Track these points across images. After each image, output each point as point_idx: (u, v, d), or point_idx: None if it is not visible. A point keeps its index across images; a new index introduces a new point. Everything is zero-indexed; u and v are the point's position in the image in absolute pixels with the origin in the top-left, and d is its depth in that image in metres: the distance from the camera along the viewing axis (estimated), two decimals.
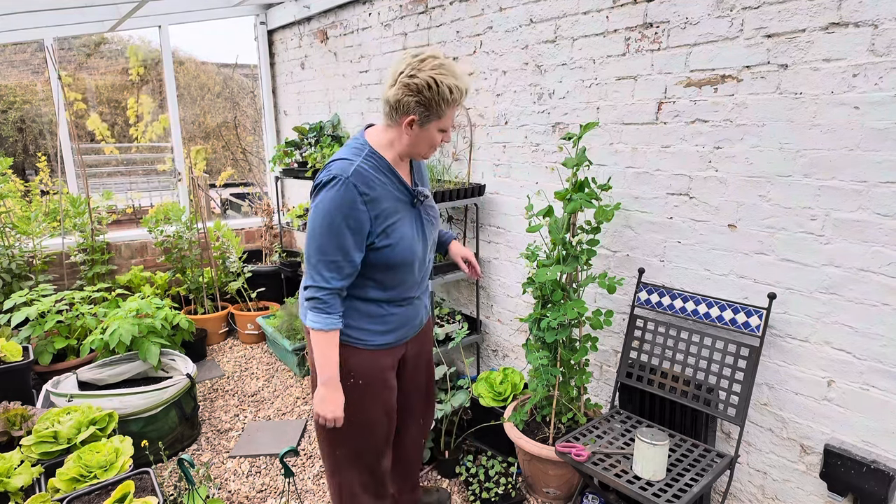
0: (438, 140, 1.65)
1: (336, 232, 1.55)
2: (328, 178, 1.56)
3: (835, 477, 1.79)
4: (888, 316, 1.66)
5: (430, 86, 1.51)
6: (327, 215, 1.55)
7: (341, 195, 1.54)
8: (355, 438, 1.80)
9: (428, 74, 1.51)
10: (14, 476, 1.99)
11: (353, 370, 1.72)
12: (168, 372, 3.20)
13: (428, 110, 1.55)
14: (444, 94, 1.53)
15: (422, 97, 1.53)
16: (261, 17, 4.94)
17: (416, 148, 1.65)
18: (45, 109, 7.08)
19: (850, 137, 1.67)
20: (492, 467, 2.54)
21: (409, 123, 1.58)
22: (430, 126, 1.60)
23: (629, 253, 2.36)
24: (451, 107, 1.58)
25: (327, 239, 1.56)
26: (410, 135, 1.61)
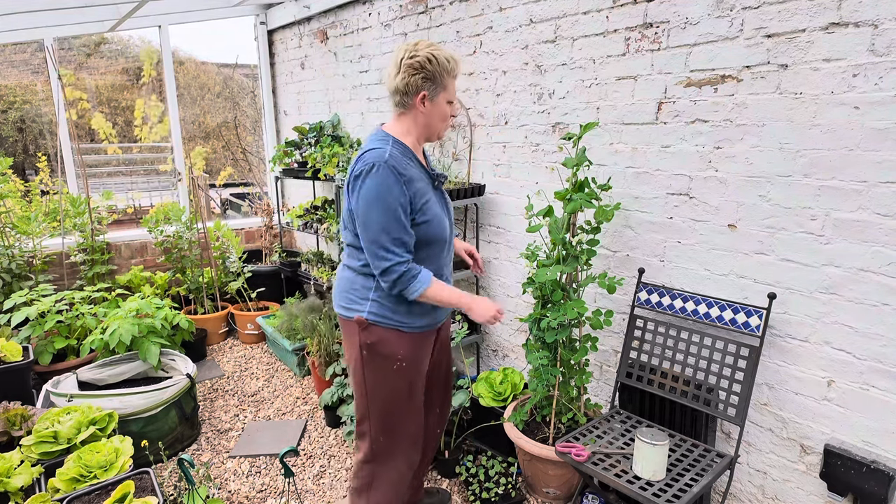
0: (448, 112, 1.81)
1: (392, 211, 1.67)
2: (367, 167, 1.67)
3: (835, 477, 1.79)
4: (888, 316, 1.66)
5: (430, 59, 1.69)
6: (379, 199, 1.66)
7: (384, 178, 1.66)
8: (405, 422, 1.90)
9: (425, 52, 1.70)
10: (14, 476, 1.99)
11: (401, 353, 1.82)
12: (168, 372, 3.20)
13: (434, 83, 1.72)
14: (443, 65, 1.71)
15: (426, 72, 1.70)
16: (261, 17, 4.94)
17: (431, 125, 1.80)
18: (46, 109, 7.08)
19: (850, 137, 1.67)
20: (492, 467, 2.54)
21: (421, 100, 1.74)
22: (439, 98, 1.76)
23: (629, 253, 2.36)
24: (452, 77, 1.76)
25: (387, 219, 1.67)
26: (425, 111, 1.76)
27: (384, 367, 1.82)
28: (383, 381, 1.84)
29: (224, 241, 4.59)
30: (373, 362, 1.82)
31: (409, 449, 1.94)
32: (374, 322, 1.79)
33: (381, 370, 1.83)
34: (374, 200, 1.66)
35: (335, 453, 2.87)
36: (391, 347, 1.80)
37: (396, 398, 1.87)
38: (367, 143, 1.78)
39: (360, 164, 1.69)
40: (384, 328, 1.80)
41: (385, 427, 1.88)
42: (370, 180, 1.66)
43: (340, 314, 1.89)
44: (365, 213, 1.68)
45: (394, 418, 1.88)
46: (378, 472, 1.92)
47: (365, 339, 1.80)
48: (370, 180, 1.66)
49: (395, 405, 1.87)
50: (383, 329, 1.80)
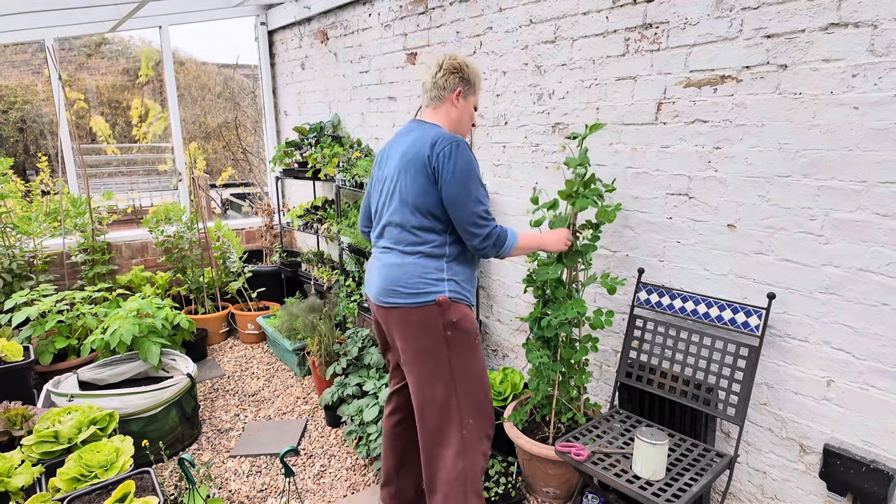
0: (474, 115, 2.06)
1: (481, 182, 1.88)
2: (453, 143, 1.82)
3: (834, 476, 1.79)
4: (888, 316, 1.67)
5: (467, 66, 1.97)
6: (472, 172, 1.83)
7: (469, 153, 1.85)
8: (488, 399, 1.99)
9: (461, 60, 1.97)
10: (15, 476, 1.99)
11: (475, 327, 1.94)
12: (168, 372, 3.20)
13: (468, 85, 1.98)
14: (475, 72, 2.00)
15: (463, 73, 1.96)
16: (261, 18, 4.94)
17: (461, 120, 2.01)
18: (46, 110, 7.09)
19: (850, 137, 1.67)
20: (492, 467, 2.54)
21: (457, 95, 1.97)
22: (470, 99, 2.01)
23: (629, 253, 2.36)
24: (479, 86, 2.03)
25: (480, 190, 1.85)
26: (458, 106, 1.98)
27: (469, 344, 1.90)
28: (472, 358, 1.92)
29: (224, 241, 4.59)
30: (458, 341, 1.88)
31: (490, 429, 1.99)
32: (457, 299, 1.88)
33: (467, 347, 1.90)
34: (469, 174, 1.81)
35: (335, 453, 2.87)
36: (471, 323, 1.91)
37: (482, 373, 1.95)
38: (416, 130, 1.93)
39: (448, 137, 1.83)
40: (464, 305, 1.91)
41: (474, 407, 1.93)
42: (461, 153, 1.81)
43: (411, 303, 1.87)
44: (463, 186, 1.80)
45: (480, 396, 1.94)
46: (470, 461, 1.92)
47: (450, 317, 1.85)
48: (461, 153, 1.81)
49: (481, 381, 1.94)
50: (464, 306, 1.91)
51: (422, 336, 1.88)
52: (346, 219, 3.78)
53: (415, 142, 1.88)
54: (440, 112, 1.98)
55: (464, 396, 1.91)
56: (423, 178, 1.83)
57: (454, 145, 1.81)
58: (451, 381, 1.88)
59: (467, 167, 1.81)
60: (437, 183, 1.82)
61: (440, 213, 1.85)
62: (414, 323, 1.88)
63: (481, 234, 1.83)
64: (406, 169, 1.87)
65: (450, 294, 1.86)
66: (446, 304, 1.85)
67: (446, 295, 1.86)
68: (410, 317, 1.88)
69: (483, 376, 1.96)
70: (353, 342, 3.21)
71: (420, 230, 1.87)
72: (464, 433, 1.91)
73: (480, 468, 1.96)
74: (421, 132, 1.89)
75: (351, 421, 2.82)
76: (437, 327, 1.86)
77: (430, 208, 1.84)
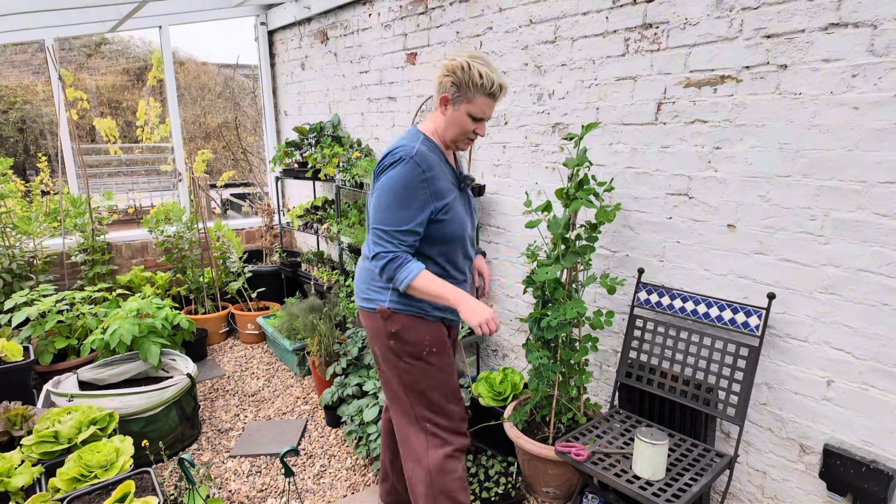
0: (470, 127, 1.76)
1: (405, 205, 1.70)
2: (395, 158, 1.70)
3: (834, 477, 1.79)
4: (888, 316, 1.67)
5: (463, 67, 1.68)
6: (396, 189, 1.69)
7: (408, 172, 1.68)
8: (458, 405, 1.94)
9: (465, 59, 1.70)
10: (15, 476, 1.99)
11: (428, 338, 1.85)
12: (168, 372, 3.20)
13: (459, 90, 1.71)
14: (473, 77, 1.68)
15: (455, 76, 1.70)
16: (261, 18, 4.95)
17: (448, 131, 1.78)
18: (46, 110, 7.09)
19: (850, 138, 1.67)
20: (491, 467, 2.54)
21: (443, 101, 1.75)
22: (461, 108, 1.73)
23: (629, 253, 2.36)
24: (481, 93, 1.70)
25: (398, 211, 1.69)
26: (445, 115, 1.76)
27: (415, 355, 1.84)
28: (423, 369, 1.86)
29: (224, 241, 4.59)
30: (403, 352, 1.84)
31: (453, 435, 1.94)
32: (398, 310, 1.81)
33: (414, 358, 1.85)
34: (390, 189, 1.69)
35: (335, 453, 2.87)
36: (415, 334, 1.83)
37: (439, 384, 1.89)
38: (399, 138, 1.81)
39: (390, 156, 1.72)
40: (409, 315, 1.82)
41: (432, 413, 1.90)
42: (394, 171, 1.69)
43: (362, 307, 1.90)
44: (378, 198, 1.72)
45: (440, 403, 1.90)
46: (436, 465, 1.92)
47: (390, 327, 1.82)
48: (394, 171, 1.69)
49: (438, 390, 1.89)
50: (408, 316, 1.82)
51: (373, 341, 1.92)
52: (345, 219, 3.78)
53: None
54: (434, 119, 1.82)
55: (419, 404, 1.90)
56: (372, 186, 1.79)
57: (395, 160, 1.69)
58: (405, 388, 1.89)
59: (393, 182, 1.68)
60: None
61: None
62: (368, 327, 1.92)
63: (373, 250, 1.73)
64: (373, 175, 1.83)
65: (391, 304, 1.81)
66: (385, 313, 1.82)
67: (386, 305, 1.82)
68: (365, 320, 1.92)
69: (441, 385, 1.89)
70: (353, 342, 3.21)
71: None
72: (424, 436, 1.91)
73: (449, 468, 1.91)
74: (398, 139, 1.81)
75: (351, 421, 2.82)
76: (382, 335, 1.85)
77: None
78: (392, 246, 1.71)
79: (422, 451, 1.91)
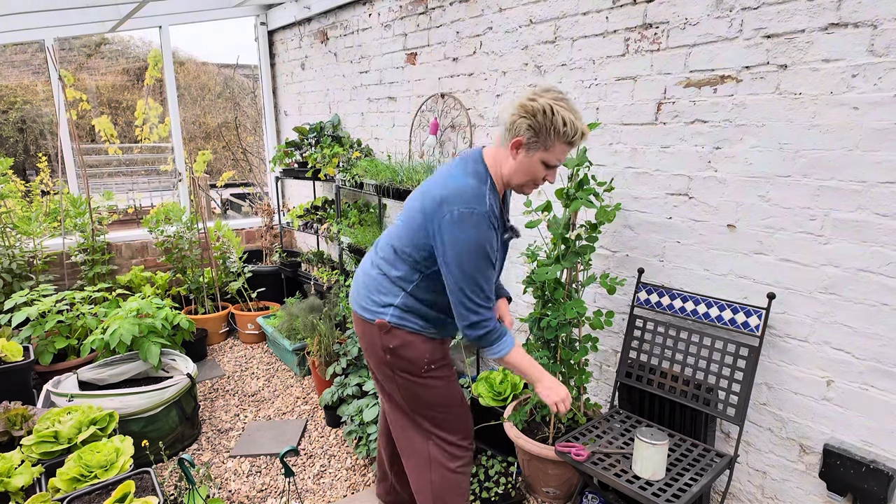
0: (541, 174, 1.63)
1: (487, 265, 1.61)
2: (468, 211, 1.56)
3: (834, 477, 1.79)
4: (888, 316, 1.67)
5: (545, 111, 1.52)
6: (478, 251, 1.58)
7: (485, 231, 1.57)
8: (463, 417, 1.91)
9: (547, 101, 1.52)
10: (14, 476, 1.99)
11: (427, 356, 1.79)
12: (168, 372, 3.20)
13: (537, 136, 1.55)
14: (556, 124, 1.52)
15: (534, 121, 1.53)
16: (261, 18, 4.95)
17: (516, 176, 1.64)
18: (46, 110, 7.09)
19: (850, 138, 1.67)
20: (491, 467, 2.54)
21: (515, 146, 1.59)
22: (536, 155, 1.58)
23: (629, 253, 2.36)
24: (561, 141, 1.56)
25: (482, 273, 1.60)
26: (515, 160, 1.61)
27: (413, 372, 1.79)
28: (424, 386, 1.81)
29: (224, 241, 4.59)
30: (400, 367, 1.79)
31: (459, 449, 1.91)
32: (399, 325, 1.75)
33: (413, 375, 1.79)
34: (472, 252, 1.57)
35: (335, 453, 2.87)
36: (415, 351, 1.77)
37: (442, 400, 1.85)
38: (467, 164, 1.67)
39: (460, 202, 1.56)
40: (408, 332, 1.76)
41: (434, 426, 1.87)
42: (471, 229, 1.55)
43: (359, 315, 1.83)
44: (458, 259, 1.58)
45: (444, 416, 1.86)
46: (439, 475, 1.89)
47: (388, 342, 1.76)
48: (471, 229, 1.55)
49: (443, 405, 1.85)
50: (408, 333, 1.76)
51: (367, 351, 1.86)
52: (345, 219, 3.78)
53: (436, 185, 1.65)
54: (499, 156, 1.65)
55: (421, 417, 1.86)
56: (423, 234, 1.66)
57: (468, 213, 1.55)
58: (405, 400, 1.85)
59: (473, 244, 1.56)
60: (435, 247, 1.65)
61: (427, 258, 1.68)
62: (362, 335, 1.86)
63: (468, 318, 1.64)
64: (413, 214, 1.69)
65: (392, 319, 1.74)
66: (385, 327, 1.75)
67: (387, 319, 1.75)
68: (359, 328, 1.86)
69: (442, 401, 1.85)
70: (353, 342, 3.21)
71: (393, 254, 1.76)
72: (428, 444, 1.88)
73: (453, 482, 1.89)
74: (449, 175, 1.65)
75: (351, 421, 2.82)
76: (377, 347, 1.79)
77: (412, 242, 1.69)
78: (488, 312, 1.65)
79: (425, 461, 1.88)
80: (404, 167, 3.13)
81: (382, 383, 1.90)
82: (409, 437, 1.91)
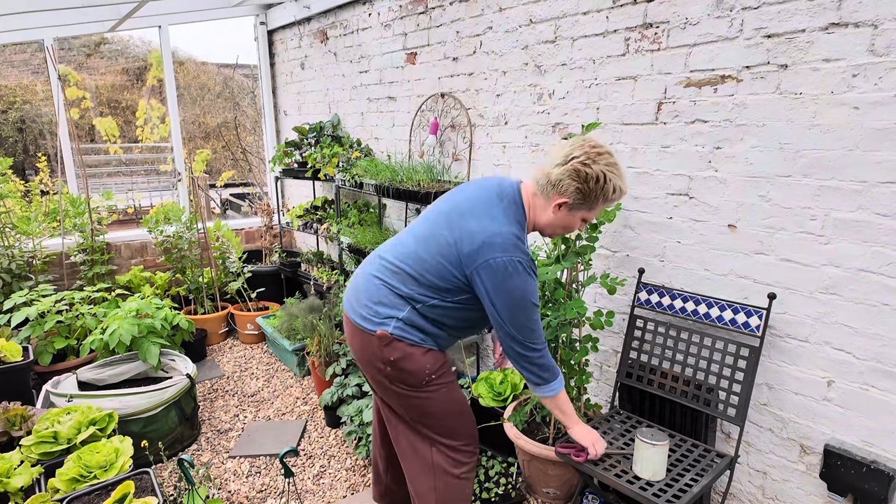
0: (576, 227, 1.71)
1: (533, 310, 1.64)
2: (512, 263, 1.56)
3: (835, 477, 1.79)
4: (888, 316, 1.66)
5: (599, 179, 1.56)
6: (526, 300, 1.60)
7: (529, 280, 1.60)
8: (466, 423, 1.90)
9: (601, 168, 1.56)
10: (14, 476, 1.99)
11: (428, 367, 1.77)
12: (168, 372, 3.20)
13: (584, 200, 1.60)
14: (606, 191, 1.59)
15: (586, 187, 1.57)
16: (261, 18, 4.94)
17: (550, 228, 1.70)
18: (45, 109, 7.08)
19: (850, 137, 1.67)
20: (492, 467, 2.54)
21: (559, 205, 1.62)
22: (578, 214, 1.65)
23: (629, 253, 2.36)
24: (604, 203, 1.64)
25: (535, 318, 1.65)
26: (557, 215, 1.65)
27: (414, 384, 1.76)
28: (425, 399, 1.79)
29: (224, 241, 4.59)
30: (400, 380, 1.75)
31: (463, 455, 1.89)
32: (400, 337, 1.71)
33: (413, 387, 1.76)
34: (518, 302, 1.59)
35: (335, 453, 2.87)
36: (416, 364, 1.73)
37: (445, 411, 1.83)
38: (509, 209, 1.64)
39: (502, 250, 1.55)
40: (409, 344, 1.72)
41: (437, 434, 1.84)
42: (518, 279, 1.57)
43: (358, 325, 1.77)
44: (508, 310, 1.60)
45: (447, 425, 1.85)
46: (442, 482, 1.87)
47: (388, 355, 1.72)
48: (518, 279, 1.57)
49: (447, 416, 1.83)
50: (408, 345, 1.72)
51: (363, 361, 1.81)
52: (345, 219, 3.78)
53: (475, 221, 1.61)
54: (536, 203, 1.66)
55: (422, 425, 1.84)
56: (456, 270, 1.63)
57: (513, 265, 1.55)
58: (404, 410, 1.83)
59: (520, 294, 1.58)
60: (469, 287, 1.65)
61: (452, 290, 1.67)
62: (358, 347, 1.80)
63: (532, 357, 1.68)
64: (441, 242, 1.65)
65: (394, 331, 1.70)
66: (386, 339, 1.70)
67: (389, 331, 1.70)
68: (354, 338, 1.80)
69: (448, 407, 1.82)
70: None
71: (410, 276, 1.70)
72: (432, 451, 1.85)
73: (458, 488, 1.87)
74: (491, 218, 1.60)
75: (350, 421, 2.81)
76: (376, 359, 1.75)
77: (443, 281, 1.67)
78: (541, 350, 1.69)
79: (429, 468, 1.87)
80: (404, 167, 3.13)
81: (379, 393, 1.89)
82: (410, 443, 1.89)
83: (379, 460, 2.22)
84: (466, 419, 1.90)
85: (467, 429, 1.90)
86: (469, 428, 1.91)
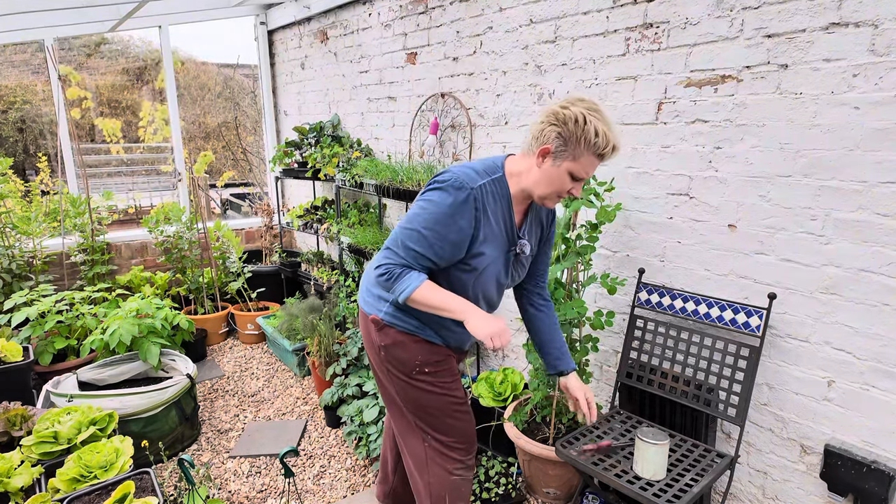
0: (567, 187, 1.54)
1: (436, 234, 1.52)
2: (453, 181, 1.51)
3: (835, 477, 1.79)
4: (888, 316, 1.66)
5: (577, 119, 1.45)
6: (436, 217, 1.52)
7: (458, 203, 1.50)
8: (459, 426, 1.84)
9: (580, 109, 1.46)
10: (14, 476, 1.99)
11: (420, 358, 1.73)
12: (168, 372, 3.20)
13: (565, 145, 1.48)
14: (587, 133, 1.45)
15: (565, 129, 1.47)
16: (261, 18, 4.94)
17: (539, 186, 1.56)
18: (46, 109, 7.09)
19: (850, 137, 1.67)
20: (492, 467, 2.54)
21: (542, 153, 1.51)
22: (563, 165, 1.50)
23: (629, 253, 2.36)
24: (591, 153, 1.49)
25: (424, 238, 1.53)
26: (540, 168, 1.53)
27: (404, 373, 1.76)
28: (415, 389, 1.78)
29: (224, 241, 4.59)
30: (393, 367, 1.77)
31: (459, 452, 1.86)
32: (391, 324, 1.73)
33: (405, 376, 1.76)
34: (430, 215, 1.52)
35: (335, 453, 2.87)
36: (406, 352, 1.73)
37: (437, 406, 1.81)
38: (475, 161, 1.63)
39: (448, 174, 1.53)
40: (399, 332, 1.73)
41: (432, 428, 1.83)
42: (443, 194, 1.51)
43: (362, 308, 1.85)
44: (414, 217, 1.55)
45: (442, 420, 1.82)
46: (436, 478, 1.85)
47: (380, 340, 1.75)
48: (443, 194, 1.51)
49: (437, 410, 1.81)
50: (398, 332, 1.73)
51: (365, 344, 1.85)
52: (345, 219, 3.78)
53: None
54: (523, 164, 1.59)
55: (416, 416, 1.83)
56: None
57: (451, 183, 1.51)
58: (400, 397, 1.83)
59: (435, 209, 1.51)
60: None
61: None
62: (362, 328, 1.85)
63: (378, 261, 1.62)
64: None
65: (385, 317, 1.72)
66: (378, 324, 1.73)
67: (380, 316, 1.73)
68: (360, 320, 1.86)
69: (438, 405, 1.79)
70: (353, 342, 3.20)
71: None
72: (424, 446, 1.85)
73: (452, 485, 1.85)
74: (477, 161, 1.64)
75: (351, 421, 2.81)
76: (374, 343, 1.78)
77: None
78: (400, 259, 1.57)
79: (423, 461, 1.86)
80: (404, 167, 3.13)
81: (381, 378, 1.90)
82: (406, 437, 1.90)
83: (388, 459, 2.21)
84: (461, 423, 1.88)
85: (461, 431, 1.88)
86: (463, 431, 1.88)
